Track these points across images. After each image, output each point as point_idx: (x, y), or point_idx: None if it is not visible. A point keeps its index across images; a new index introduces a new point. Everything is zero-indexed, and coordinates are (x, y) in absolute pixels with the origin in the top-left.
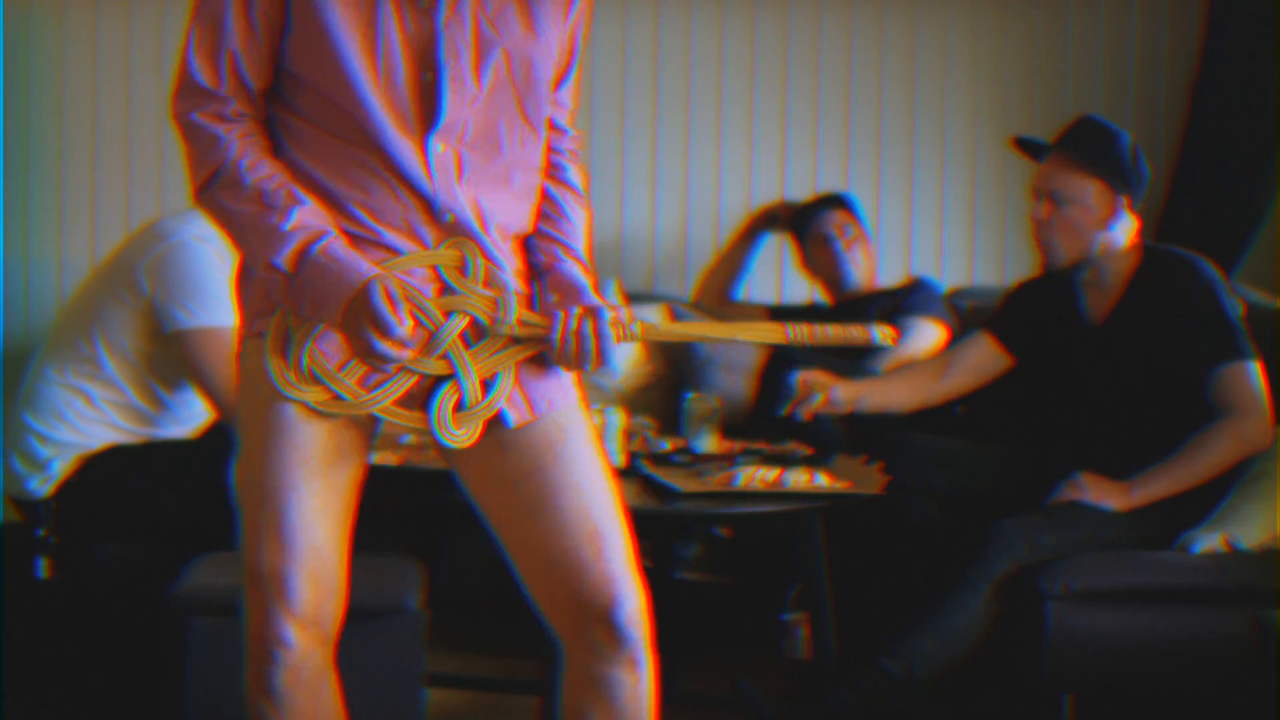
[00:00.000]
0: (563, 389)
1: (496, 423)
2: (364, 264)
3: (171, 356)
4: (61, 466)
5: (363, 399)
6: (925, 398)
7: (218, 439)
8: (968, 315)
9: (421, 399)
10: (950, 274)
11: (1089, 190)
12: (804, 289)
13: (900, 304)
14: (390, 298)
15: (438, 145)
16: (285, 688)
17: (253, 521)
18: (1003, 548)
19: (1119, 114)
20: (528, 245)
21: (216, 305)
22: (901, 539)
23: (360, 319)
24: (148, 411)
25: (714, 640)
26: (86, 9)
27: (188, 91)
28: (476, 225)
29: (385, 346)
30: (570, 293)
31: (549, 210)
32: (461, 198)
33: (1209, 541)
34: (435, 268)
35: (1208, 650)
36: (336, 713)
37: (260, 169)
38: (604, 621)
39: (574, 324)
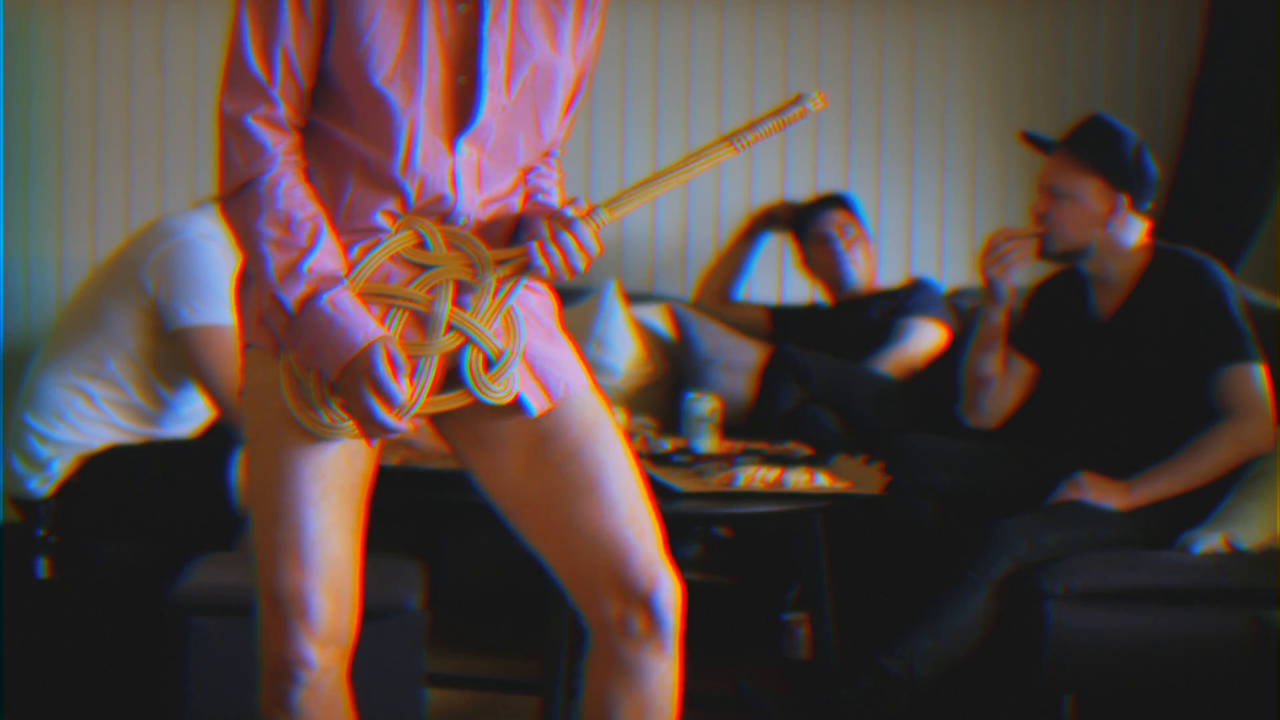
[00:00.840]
0: (575, 372)
1: (518, 411)
2: (370, 324)
3: (174, 354)
4: (61, 466)
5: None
6: (990, 397)
7: (218, 438)
8: (968, 315)
9: (444, 379)
10: (950, 274)
11: (1087, 188)
12: (804, 289)
13: (900, 304)
14: (393, 362)
15: (465, 149)
16: (304, 704)
17: (268, 539)
18: (1003, 547)
19: (1119, 114)
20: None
21: (220, 303)
22: (901, 539)
23: (360, 382)
24: (148, 411)
25: (714, 640)
26: (86, 9)
27: (243, 87)
28: (474, 226)
29: (386, 416)
30: (532, 219)
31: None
32: (477, 202)
33: (1209, 541)
34: (399, 254)
35: (1208, 650)
36: None
37: (295, 194)
38: (645, 603)
39: (547, 234)
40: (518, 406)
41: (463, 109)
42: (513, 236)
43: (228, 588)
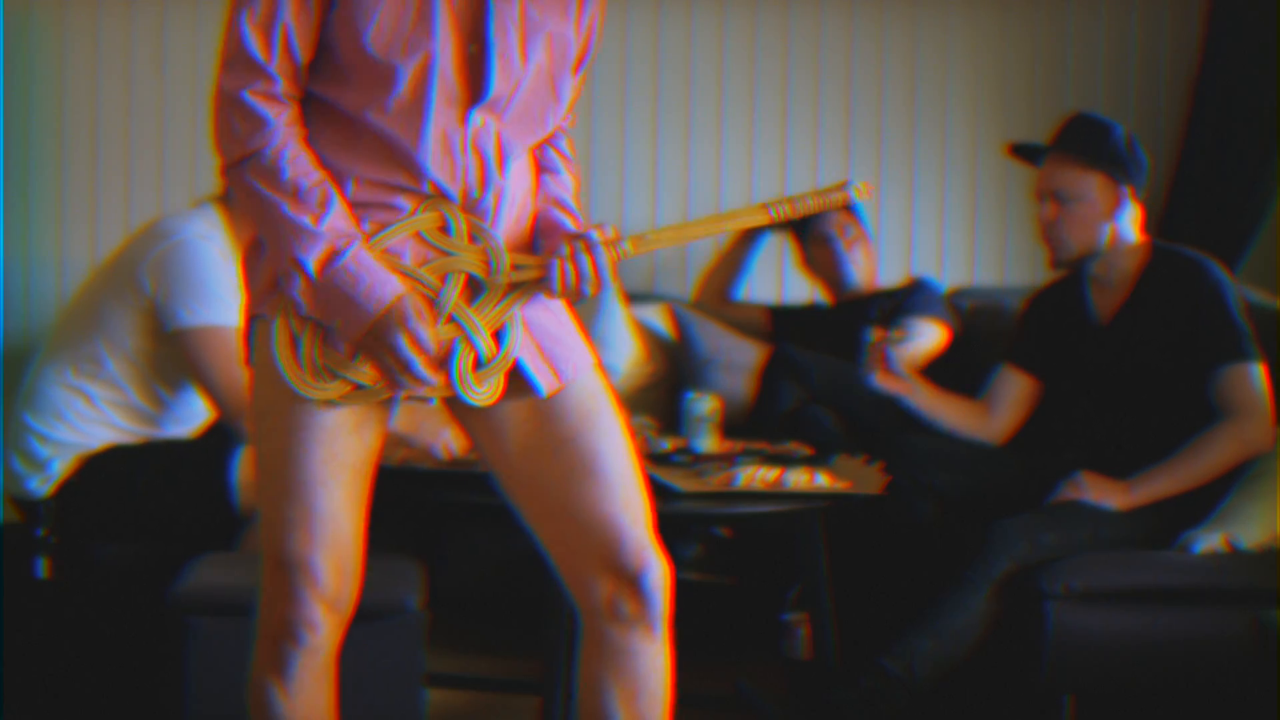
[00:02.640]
0: (582, 352)
1: (528, 391)
2: (394, 279)
3: (173, 355)
4: (61, 466)
5: (383, 383)
6: (975, 432)
7: (218, 438)
8: (968, 315)
9: (438, 366)
10: (950, 274)
11: (1091, 185)
12: (804, 289)
13: (901, 304)
14: (420, 316)
15: (478, 119)
16: (300, 669)
17: (279, 513)
18: (1003, 547)
19: (1119, 115)
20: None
21: (218, 303)
22: (901, 539)
23: (397, 334)
24: (148, 411)
25: (714, 640)
26: (86, 9)
27: (240, 65)
28: (491, 199)
29: (423, 368)
30: (552, 230)
31: (544, 165)
32: (493, 173)
33: (1209, 541)
34: (419, 233)
35: (1208, 650)
36: (332, 706)
37: (300, 163)
38: (634, 584)
39: (567, 253)
40: (522, 386)
41: (475, 80)
42: (533, 239)
43: (228, 588)
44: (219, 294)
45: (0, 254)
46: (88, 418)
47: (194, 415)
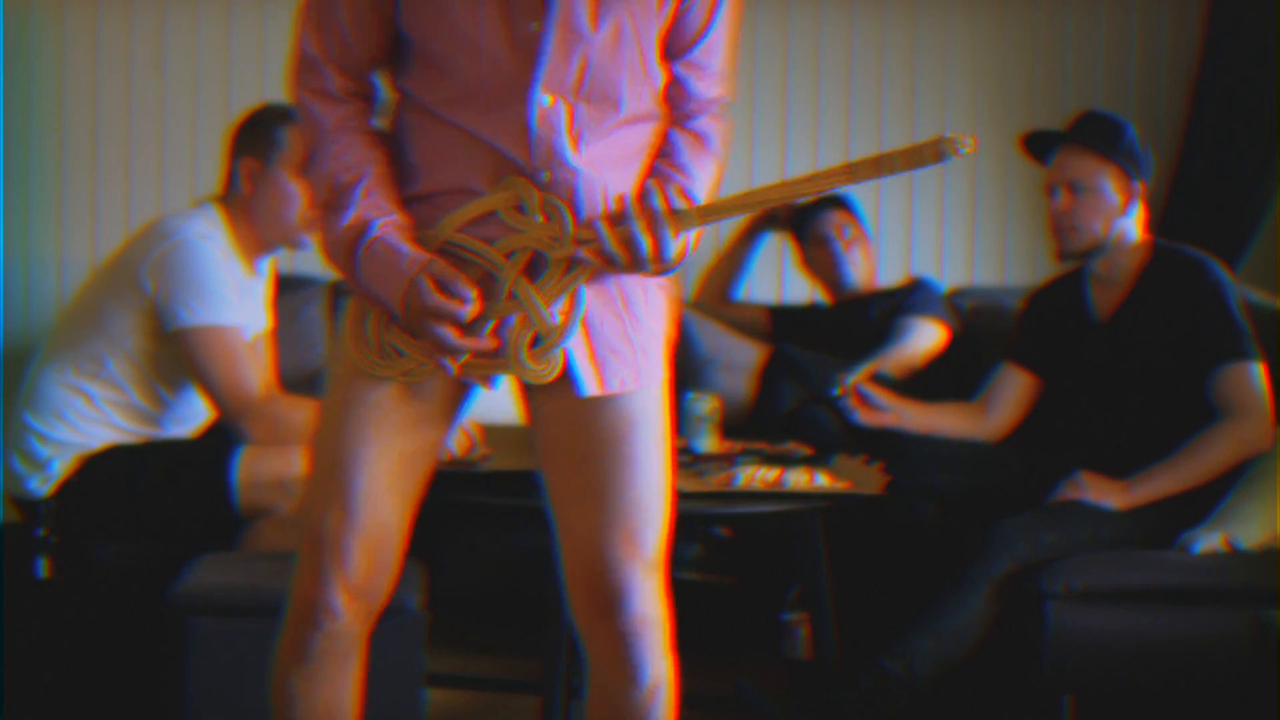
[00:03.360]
0: (638, 371)
1: (569, 388)
2: (404, 258)
3: (173, 355)
4: (61, 466)
5: (430, 363)
6: (973, 433)
7: (218, 438)
8: (968, 315)
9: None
10: (950, 274)
11: (1106, 176)
12: (804, 289)
13: (900, 304)
14: (439, 286)
15: (544, 98)
16: (320, 655)
17: (318, 489)
18: (1003, 547)
19: (1119, 113)
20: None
21: (218, 303)
22: (901, 539)
23: (419, 315)
24: (149, 411)
25: (714, 640)
26: (86, 9)
27: (301, 66)
28: (566, 179)
29: (455, 339)
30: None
31: (663, 152)
32: (567, 152)
33: (1209, 541)
34: (495, 212)
35: (1208, 650)
36: (354, 695)
37: (344, 156)
38: (611, 620)
39: (613, 216)
40: (567, 386)
41: (533, 57)
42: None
43: (228, 588)
44: (219, 294)
45: (0, 254)
46: (88, 418)
47: (194, 415)
